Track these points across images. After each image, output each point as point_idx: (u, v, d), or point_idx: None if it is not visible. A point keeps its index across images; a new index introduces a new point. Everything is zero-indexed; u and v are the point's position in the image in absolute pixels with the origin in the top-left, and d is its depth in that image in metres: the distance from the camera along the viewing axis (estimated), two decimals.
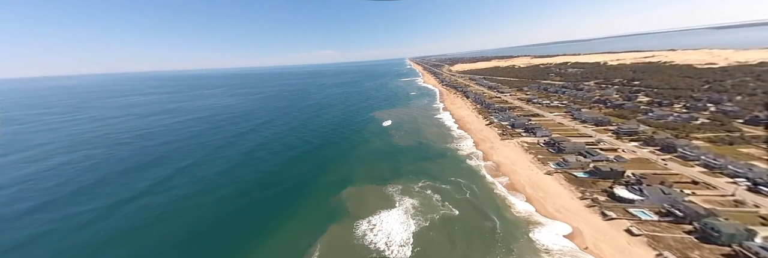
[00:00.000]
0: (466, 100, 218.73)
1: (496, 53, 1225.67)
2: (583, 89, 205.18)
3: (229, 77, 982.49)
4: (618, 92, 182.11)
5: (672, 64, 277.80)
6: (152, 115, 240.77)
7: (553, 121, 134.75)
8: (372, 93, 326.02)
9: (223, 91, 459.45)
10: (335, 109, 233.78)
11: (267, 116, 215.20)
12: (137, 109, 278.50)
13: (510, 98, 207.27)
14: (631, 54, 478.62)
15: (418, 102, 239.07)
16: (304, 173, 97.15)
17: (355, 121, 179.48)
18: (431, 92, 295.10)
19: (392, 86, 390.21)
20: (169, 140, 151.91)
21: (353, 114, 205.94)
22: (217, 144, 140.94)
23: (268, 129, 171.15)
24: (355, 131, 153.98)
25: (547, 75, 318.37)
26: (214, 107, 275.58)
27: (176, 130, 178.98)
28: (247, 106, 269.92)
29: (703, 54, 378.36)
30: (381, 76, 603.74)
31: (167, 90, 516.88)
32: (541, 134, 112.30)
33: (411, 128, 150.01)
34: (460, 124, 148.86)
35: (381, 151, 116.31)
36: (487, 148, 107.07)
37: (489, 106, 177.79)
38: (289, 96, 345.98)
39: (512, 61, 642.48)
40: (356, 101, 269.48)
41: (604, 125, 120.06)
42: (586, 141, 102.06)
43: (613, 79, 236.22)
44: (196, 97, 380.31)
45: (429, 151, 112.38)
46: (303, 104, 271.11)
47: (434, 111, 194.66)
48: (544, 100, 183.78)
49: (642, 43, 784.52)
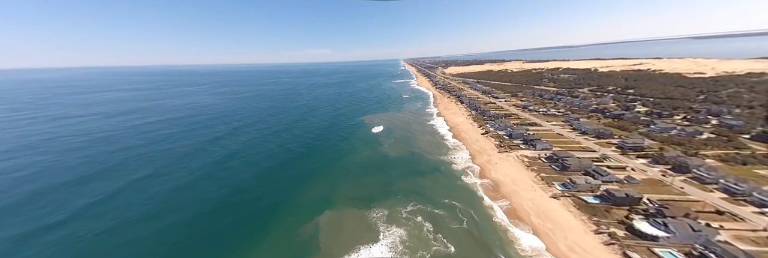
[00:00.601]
0: (460, 106, 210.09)
1: (488, 57, 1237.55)
2: (578, 96, 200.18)
3: (217, 74, 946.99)
4: (614, 101, 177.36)
5: (662, 73, 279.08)
6: (120, 115, 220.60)
7: (551, 132, 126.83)
8: (364, 94, 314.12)
9: (206, 88, 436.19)
10: (324, 111, 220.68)
11: (249, 118, 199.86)
12: (106, 107, 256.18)
13: (505, 104, 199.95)
14: (619, 61, 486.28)
15: (411, 106, 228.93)
16: (278, 191, 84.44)
17: (344, 126, 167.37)
18: (424, 96, 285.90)
19: (385, 88, 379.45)
20: (130, 145, 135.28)
21: (343, 118, 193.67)
22: (184, 151, 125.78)
23: (247, 133, 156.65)
24: (343, 138, 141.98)
25: (540, 80, 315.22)
26: (192, 107, 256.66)
27: (142, 133, 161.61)
28: (229, 107, 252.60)
29: (688, 63, 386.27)
30: (374, 77, 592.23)
31: (147, 86, 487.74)
32: (541, 147, 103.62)
33: (403, 136, 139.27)
34: (455, 133, 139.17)
35: (369, 163, 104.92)
36: (484, 163, 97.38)
37: (484, 113, 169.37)
38: (276, 96, 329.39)
39: (504, 65, 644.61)
40: (347, 103, 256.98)
41: (606, 138, 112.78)
42: (590, 156, 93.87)
43: (606, 87, 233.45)
44: (175, 94, 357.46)
45: (421, 163, 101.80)
46: (290, 105, 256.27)
47: (428, 116, 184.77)
48: (541, 107, 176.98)
49: (627, 51, 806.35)
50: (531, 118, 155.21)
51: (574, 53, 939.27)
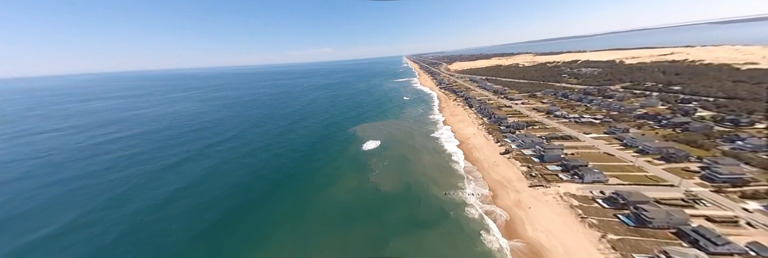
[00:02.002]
0: (469, 111, 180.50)
1: (495, 50, 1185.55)
2: (613, 96, 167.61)
3: (217, 77, 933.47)
4: (663, 102, 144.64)
5: (705, 64, 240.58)
6: (95, 128, 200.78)
7: (596, 151, 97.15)
8: (362, 97, 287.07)
9: (198, 93, 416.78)
10: (316, 120, 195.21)
11: (230, 130, 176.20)
12: (85, 119, 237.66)
13: (523, 108, 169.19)
14: (645, 51, 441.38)
15: (412, 111, 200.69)
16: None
17: (334, 141, 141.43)
18: (427, 97, 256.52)
19: (386, 88, 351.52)
20: (77, 173, 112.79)
21: (335, 128, 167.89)
22: (133, 182, 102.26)
23: (219, 153, 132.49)
24: (330, 159, 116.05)
25: (559, 76, 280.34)
26: (175, 116, 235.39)
27: (102, 154, 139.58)
28: (213, 116, 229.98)
29: (730, 51, 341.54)
30: (375, 76, 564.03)
31: (141, 92, 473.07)
32: (591, 179, 74.70)
33: (400, 155, 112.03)
34: (466, 151, 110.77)
35: (355, 202, 78.84)
36: (512, 206, 69.48)
37: (500, 121, 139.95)
38: (269, 101, 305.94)
39: (514, 59, 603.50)
40: (343, 109, 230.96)
41: (679, 161, 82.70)
42: (670, 197, 64.71)
43: (643, 83, 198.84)
44: (164, 101, 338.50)
45: (422, 204, 74.82)
46: (281, 112, 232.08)
47: (431, 126, 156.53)
48: (569, 112, 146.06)
49: (647, 39, 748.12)
50: (561, 127, 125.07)
51: (588, 43, 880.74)
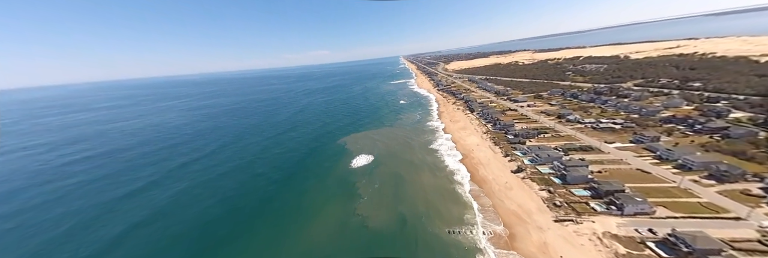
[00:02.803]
0: (470, 116, 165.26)
1: (492, 49, 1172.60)
2: (628, 96, 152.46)
3: (214, 83, 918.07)
4: (687, 102, 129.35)
5: (720, 58, 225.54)
6: (67, 145, 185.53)
7: (626, 166, 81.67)
8: (358, 102, 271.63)
9: (187, 102, 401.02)
10: (306, 129, 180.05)
11: (209, 145, 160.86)
12: (60, 135, 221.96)
13: (530, 112, 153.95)
14: (648, 45, 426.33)
15: (409, 117, 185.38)
16: None
17: (323, 156, 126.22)
18: (425, 101, 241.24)
19: (382, 91, 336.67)
20: (18, 208, 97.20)
21: (326, 139, 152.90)
22: (81, 218, 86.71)
23: (192, 175, 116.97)
24: (316, 180, 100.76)
25: (563, 74, 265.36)
26: (155, 129, 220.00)
27: (62, 179, 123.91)
28: (196, 128, 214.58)
29: (737, 42, 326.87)
30: (372, 78, 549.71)
31: (128, 102, 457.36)
32: (634, 210, 59.12)
33: (394, 175, 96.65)
34: (471, 169, 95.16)
35: (337, 245, 63.39)
36: (536, 253, 54.02)
37: (506, 129, 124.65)
38: (260, 108, 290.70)
39: (512, 57, 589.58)
40: (336, 116, 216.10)
41: (735, 180, 67.23)
42: (743, 237, 49.27)
43: (657, 80, 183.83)
44: (149, 112, 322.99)
45: (419, 250, 59.35)
46: (271, 121, 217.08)
47: (429, 134, 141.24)
48: (584, 116, 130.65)
49: (645, 33, 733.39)
50: (578, 135, 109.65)
51: (584, 39, 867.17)
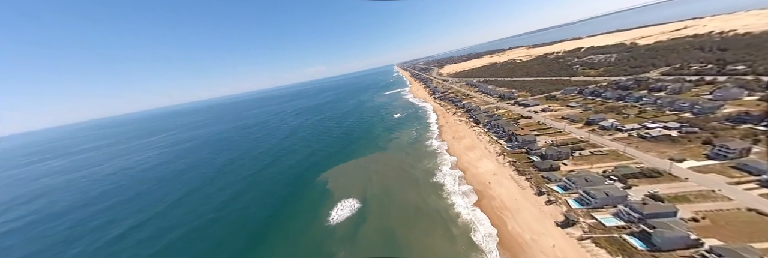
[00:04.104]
0: (476, 128, 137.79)
1: (485, 48, 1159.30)
2: (664, 89, 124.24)
3: (202, 111, 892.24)
4: (748, 90, 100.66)
5: (746, 35, 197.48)
6: (13, 207, 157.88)
7: (729, 204, 52.63)
8: (350, 120, 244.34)
9: (170, 136, 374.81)
10: (289, 162, 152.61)
11: (170, 196, 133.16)
12: (10, 193, 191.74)
13: (549, 118, 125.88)
14: (650, 29, 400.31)
15: (404, 135, 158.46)
16: None
17: (300, 205, 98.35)
18: (422, 113, 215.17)
19: (376, 104, 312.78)
20: None
21: (308, 176, 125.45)
22: None
23: (120, 255, 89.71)
24: (284, 251, 72.85)
25: (570, 68, 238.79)
26: (123, 175, 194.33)
27: None
28: (169, 168, 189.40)
29: (753, 17, 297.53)
30: (365, 91, 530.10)
31: (103, 143, 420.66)
32: None
33: (386, 239, 68.16)
34: (495, 220, 66.38)
35: None
36: None
37: (527, 146, 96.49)
38: (245, 136, 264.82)
39: (508, 55, 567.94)
40: (325, 139, 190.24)
41: None
42: None
43: (687, 65, 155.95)
44: (125, 152, 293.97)
45: None
46: (251, 154, 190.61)
47: (429, 160, 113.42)
48: (620, 120, 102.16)
49: (642, 18, 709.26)
50: (628, 150, 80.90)
51: (576, 30, 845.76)
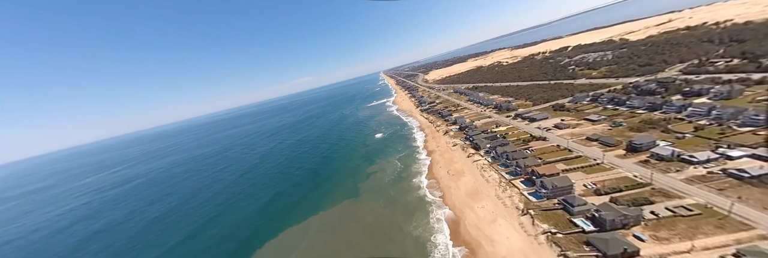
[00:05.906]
0: (475, 157, 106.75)
1: (467, 52, 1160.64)
2: (705, 93, 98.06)
3: (174, 134, 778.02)
4: None
5: (747, 24, 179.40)
6: None
7: None
8: (326, 144, 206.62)
9: (115, 174, 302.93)
10: (233, 220, 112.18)
11: None
12: None
13: (570, 139, 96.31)
14: (631, 25, 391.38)
15: (386, 169, 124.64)
16: None
17: None
18: (407, 131, 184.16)
19: (357, 120, 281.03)
20: None
21: (261, 235, 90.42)
22: None
23: None
24: None
25: (566, 69, 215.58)
26: (19, 243, 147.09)
27: None
28: (80, 232, 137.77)
29: (739, 6, 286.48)
30: (350, 102, 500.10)
31: (45, 184, 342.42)
32: None
33: None
34: None
35: None
36: None
37: (563, 198, 65.67)
38: (198, 173, 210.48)
39: (492, 57, 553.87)
40: (294, 173, 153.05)
41: None
42: None
43: (707, 61, 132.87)
44: (52, 200, 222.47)
45: None
46: (190, 205, 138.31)
47: (420, 219, 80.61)
48: (680, 145, 73.48)
49: (615, 15, 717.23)
50: (738, 209, 50.91)
51: (554, 30, 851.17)
